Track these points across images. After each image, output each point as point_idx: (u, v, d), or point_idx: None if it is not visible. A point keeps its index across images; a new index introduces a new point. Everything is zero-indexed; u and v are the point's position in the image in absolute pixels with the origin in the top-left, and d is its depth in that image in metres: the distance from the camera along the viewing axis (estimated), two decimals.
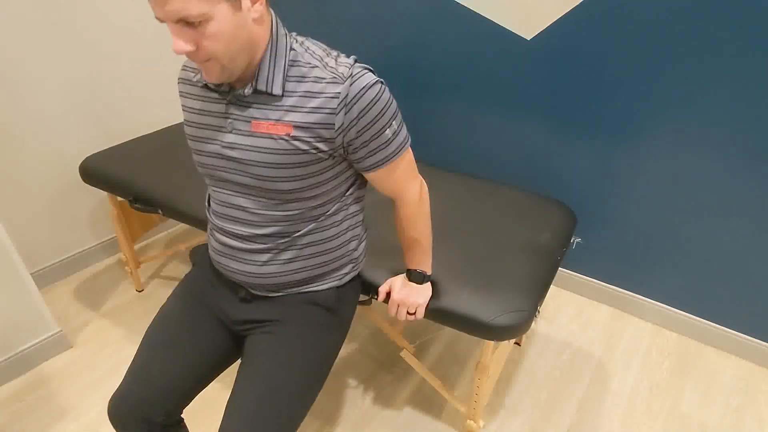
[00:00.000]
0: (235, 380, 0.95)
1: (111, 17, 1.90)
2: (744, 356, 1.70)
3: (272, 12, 0.85)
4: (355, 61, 0.87)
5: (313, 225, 0.95)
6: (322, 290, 1.03)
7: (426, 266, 1.09)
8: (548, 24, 1.57)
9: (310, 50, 0.87)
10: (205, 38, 0.75)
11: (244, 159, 0.88)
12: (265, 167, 0.87)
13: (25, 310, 1.60)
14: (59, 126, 1.88)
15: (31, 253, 1.95)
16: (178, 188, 1.57)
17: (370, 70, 0.87)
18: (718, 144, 1.47)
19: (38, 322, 1.65)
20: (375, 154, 0.89)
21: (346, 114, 0.83)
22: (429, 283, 1.12)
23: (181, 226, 2.41)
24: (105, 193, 2.04)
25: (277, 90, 0.84)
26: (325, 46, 0.89)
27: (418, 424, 1.48)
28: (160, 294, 1.98)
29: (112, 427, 0.99)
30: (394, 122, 0.89)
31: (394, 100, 0.89)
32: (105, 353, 1.72)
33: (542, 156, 1.79)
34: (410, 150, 0.96)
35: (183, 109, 0.97)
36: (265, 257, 0.96)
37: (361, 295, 1.21)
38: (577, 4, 1.49)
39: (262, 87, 0.84)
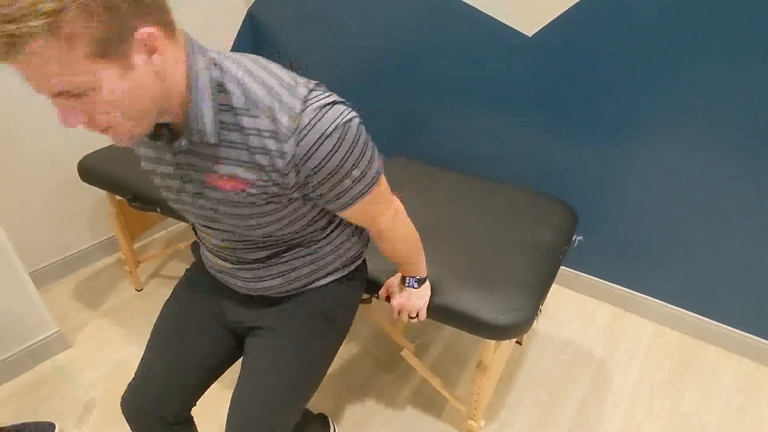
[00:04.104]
0: (236, 383, 0.97)
1: None
2: (745, 355, 1.69)
3: (185, 37, 0.69)
4: (307, 99, 0.71)
5: (300, 247, 0.93)
6: (321, 285, 1.00)
7: (420, 272, 1.07)
8: (549, 20, 1.56)
9: (246, 88, 0.71)
10: (95, 110, 0.62)
11: (214, 208, 0.81)
12: (236, 218, 0.80)
13: (23, 310, 1.60)
14: (57, 124, 1.87)
15: (30, 252, 1.94)
16: None
17: (331, 103, 0.72)
18: (719, 142, 1.46)
19: (37, 321, 1.64)
20: (341, 197, 0.80)
21: (297, 174, 0.73)
22: (428, 283, 1.11)
23: (181, 225, 2.40)
24: (104, 192, 2.03)
25: (212, 139, 0.72)
26: (265, 75, 0.72)
27: (418, 423, 1.48)
28: (159, 293, 1.98)
29: (112, 426, 1.01)
30: (361, 162, 0.76)
31: (362, 135, 0.75)
32: (104, 353, 1.71)
33: (543, 154, 1.78)
34: (381, 183, 0.85)
35: (140, 157, 0.86)
36: (256, 274, 0.95)
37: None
38: (579, 0, 1.48)
39: (196, 138, 0.72)
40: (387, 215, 0.91)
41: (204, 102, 0.70)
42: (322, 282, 1.00)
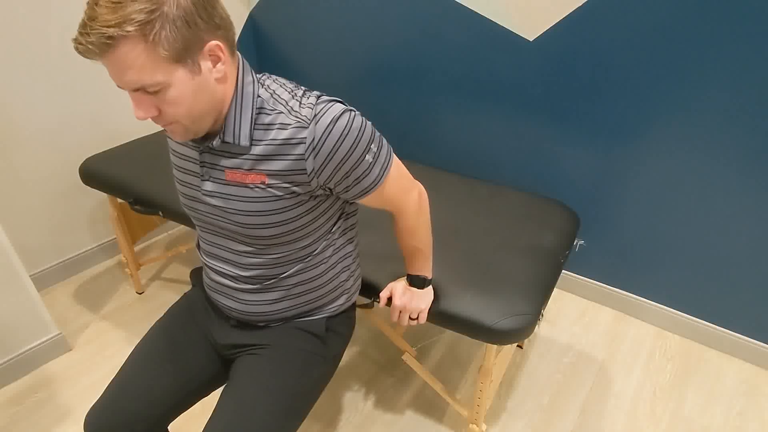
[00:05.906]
0: (218, 401, 0.94)
1: None
2: (747, 359, 1.69)
3: (239, 57, 0.82)
4: (319, 98, 0.83)
5: (299, 266, 0.94)
6: (313, 320, 1.03)
7: (427, 271, 1.08)
8: (550, 25, 1.56)
9: (276, 94, 0.83)
10: (166, 104, 0.74)
11: (224, 207, 0.87)
12: (244, 215, 0.86)
13: (24, 313, 1.60)
14: (59, 127, 1.87)
15: (31, 254, 1.94)
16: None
17: (337, 101, 0.83)
18: (720, 146, 1.46)
19: (38, 324, 1.64)
20: (360, 182, 0.86)
21: (315, 157, 0.80)
22: (431, 287, 1.11)
23: (182, 228, 2.40)
24: (105, 194, 2.04)
25: (244, 142, 0.82)
26: (292, 86, 0.86)
27: (419, 427, 1.47)
28: (160, 296, 1.98)
29: None
30: (372, 146, 0.84)
31: (368, 123, 0.84)
32: (105, 355, 1.71)
33: (545, 158, 1.79)
34: (397, 163, 0.91)
35: (169, 150, 0.96)
36: (253, 297, 0.96)
37: (363, 299, 1.20)
38: (580, 5, 1.49)
39: (229, 139, 0.82)
40: (414, 194, 0.96)
41: (246, 110, 0.81)
42: (315, 317, 1.02)
